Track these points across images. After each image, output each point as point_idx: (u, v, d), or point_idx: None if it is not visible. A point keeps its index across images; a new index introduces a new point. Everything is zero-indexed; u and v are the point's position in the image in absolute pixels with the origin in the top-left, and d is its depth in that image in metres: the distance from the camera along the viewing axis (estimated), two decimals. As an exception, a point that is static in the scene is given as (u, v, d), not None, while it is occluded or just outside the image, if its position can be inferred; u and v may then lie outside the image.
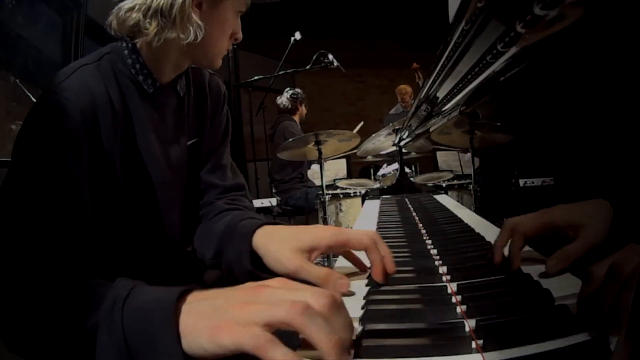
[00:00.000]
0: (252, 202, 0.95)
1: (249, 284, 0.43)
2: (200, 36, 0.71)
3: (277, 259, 0.62)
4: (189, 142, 0.86)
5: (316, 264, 0.61)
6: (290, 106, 3.38)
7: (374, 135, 2.40)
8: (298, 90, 3.44)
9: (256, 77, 3.17)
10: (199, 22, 0.71)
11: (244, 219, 0.75)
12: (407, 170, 2.05)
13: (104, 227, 0.73)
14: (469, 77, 0.71)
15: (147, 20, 0.69)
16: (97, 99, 0.69)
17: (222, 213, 0.86)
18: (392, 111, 4.43)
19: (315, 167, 3.25)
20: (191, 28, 0.70)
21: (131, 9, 0.69)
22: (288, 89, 3.43)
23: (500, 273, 0.55)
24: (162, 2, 0.68)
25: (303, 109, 3.48)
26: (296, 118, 3.42)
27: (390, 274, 0.57)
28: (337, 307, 0.39)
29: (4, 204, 0.62)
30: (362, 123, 3.61)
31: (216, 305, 0.41)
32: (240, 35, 0.81)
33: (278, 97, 3.44)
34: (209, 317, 0.40)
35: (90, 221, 0.67)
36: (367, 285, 0.58)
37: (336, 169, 3.43)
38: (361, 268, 0.65)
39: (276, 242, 0.64)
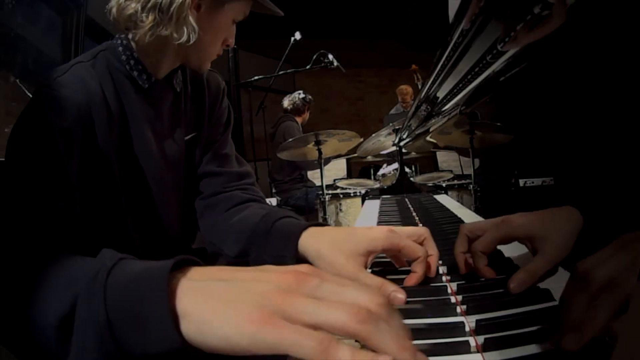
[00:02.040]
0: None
1: (273, 267, 0.36)
2: (193, 39, 0.71)
3: (331, 264, 0.56)
4: (187, 137, 0.86)
5: None
6: (299, 107, 3.39)
7: (374, 135, 2.40)
8: (310, 96, 3.45)
9: (256, 77, 3.17)
10: (194, 24, 0.71)
11: (281, 217, 0.69)
12: (407, 170, 2.05)
13: (103, 223, 0.73)
14: (469, 77, 0.72)
15: (145, 13, 0.69)
16: (92, 96, 0.69)
17: (241, 205, 0.83)
18: (392, 111, 4.43)
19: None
20: (185, 29, 0.70)
21: None
22: (301, 91, 3.44)
23: (501, 273, 0.55)
24: None
25: (307, 115, 3.49)
26: (299, 120, 3.42)
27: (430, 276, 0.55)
28: (391, 305, 0.34)
29: None
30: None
31: (244, 288, 0.33)
32: (232, 42, 0.80)
33: (287, 96, 3.44)
34: (236, 301, 0.32)
35: (78, 214, 0.66)
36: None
37: (336, 169, 3.44)
38: (400, 266, 0.60)
39: (327, 245, 0.58)
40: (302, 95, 3.39)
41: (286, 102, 3.42)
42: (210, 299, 0.33)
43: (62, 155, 0.64)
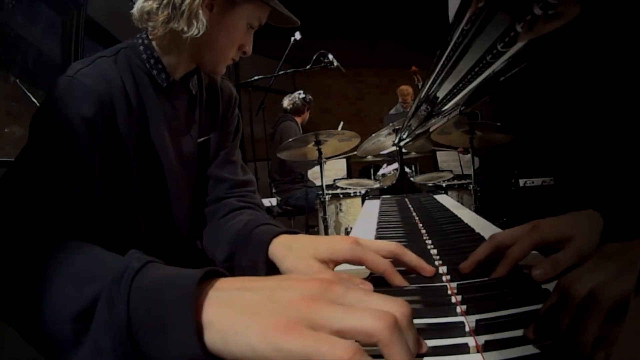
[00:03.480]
0: (260, 200, 0.96)
1: (297, 275, 0.36)
2: (201, 31, 0.73)
3: (295, 270, 0.58)
4: (200, 140, 0.88)
5: None
6: (299, 107, 3.39)
7: (374, 135, 2.39)
8: (310, 96, 3.46)
9: (256, 77, 3.16)
10: (204, 20, 0.74)
11: (260, 224, 0.71)
12: (407, 170, 2.05)
13: (115, 213, 0.74)
14: (469, 77, 0.72)
15: (160, 9, 0.73)
16: (113, 88, 0.71)
17: (234, 212, 0.85)
18: (392, 111, 4.43)
19: (315, 167, 3.25)
20: (195, 23, 0.73)
21: None
22: (301, 91, 3.45)
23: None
24: None
25: (307, 115, 3.50)
26: (299, 120, 3.42)
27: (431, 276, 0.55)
28: (412, 319, 0.33)
29: (13, 177, 0.63)
30: (342, 123, 3.62)
31: (268, 297, 0.33)
32: (249, 49, 0.83)
33: (287, 96, 3.44)
34: (261, 311, 0.32)
35: (98, 202, 0.68)
36: (369, 277, 0.58)
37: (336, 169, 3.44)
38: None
39: (294, 253, 0.60)
40: (302, 95, 3.39)
41: (286, 102, 3.42)
42: (235, 309, 0.33)
43: (85, 144, 0.66)
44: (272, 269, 0.64)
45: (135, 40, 0.79)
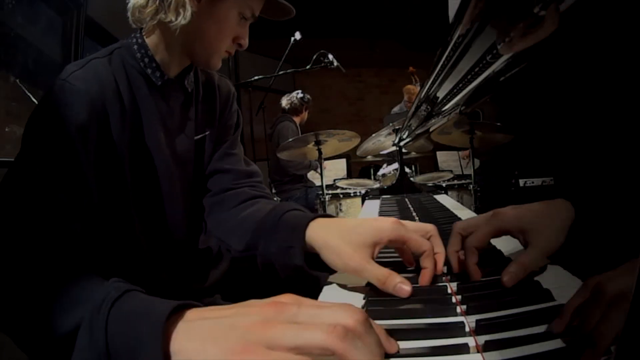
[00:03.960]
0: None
1: (255, 302, 0.39)
2: (188, 19, 0.73)
3: (338, 255, 0.56)
4: (196, 137, 0.87)
5: None
6: (297, 107, 3.38)
7: (374, 135, 2.39)
8: (308, 96, 3.44)
9: (256, 77, 3.16)
10: (190, 8, 0.73)
11: (289, 210, 0.68)
12: (407, 170, 2.05)
13: (109, 216, 0.73)
14: (469, 77, 0.71)
15: (149, 2, 0.73)
16: (107, 90, 0.71)
17: (249, 201, 0.84)
18: (395, 109, 4.41)
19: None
20: (182, 12, 0.72)
21: None
22: (299, 91, 3.43)
23: (500, 273, 0.55)
24: None
25: (305, 115, 3.48)
26: (297, 120, 3.41)
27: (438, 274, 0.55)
28: (370, 323, 0.35)
29: (7, 187, 0.63)
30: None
31: (228, 324, 0.35)
32: (244, 42, 0.81)
33: (286, 96, 3.43)
34: (221, 338, 0.34)
35: (95, 209, 0.67)
36: (366, 285, 0.58)
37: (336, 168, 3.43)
38: (408, 263, 0.61)
39: (335, 236, 0.58)
40: (300, 95, 3.38)
41: (284, 102, 3.41)
42: (199, 338, 0.35)
43: (78, 151, 0.65)
44: (308, 256, 0.61)
45: (129, 40, 0.78)
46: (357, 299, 0.53)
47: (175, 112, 0.82)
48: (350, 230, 0.57)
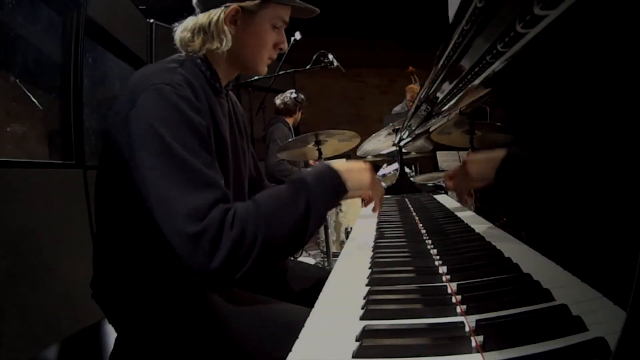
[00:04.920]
0: None
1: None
2: (230, 44, 0.86)
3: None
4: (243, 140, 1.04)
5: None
6: (290, 107, 3.33)
7: (374, 135, 2.39)
8: (302, 96, 3.39)
9: (256, 77, 3.16)
10: (231, 33, 0.86)
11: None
12: (407, 170, 2.05)
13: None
14: (469, 77, 0.72)
15: (195, 36, 0.86)
16: (196, 92, 0.80)
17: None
18: (396, 109, 4.40)
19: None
20: (224, 38, 0.86)
21: (184, 29, 0.87)
22: (293, 90, 3.39)
23: (500, 273, 0.55)
24: (203, 21, 0.85)
25: (299, 115, 3.41)
26: (290, 121, 3.35)
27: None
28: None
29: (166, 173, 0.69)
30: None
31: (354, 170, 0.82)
32: (284, 46, 0.95)
33: (279, 95, 3.38)
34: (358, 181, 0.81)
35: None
36: (367, 285, 0.58)
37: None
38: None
39: None
40: (293, 95, 3.32)
41: (278, 101, 3.35)
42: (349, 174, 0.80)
43: (210, 143, 0.77)
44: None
45: (190, 55, 0.88)
46: (358, 299, 0.53)
47: (226, 116, 0.94)
48: None
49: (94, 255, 0.84)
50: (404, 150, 2.08)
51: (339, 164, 0.80)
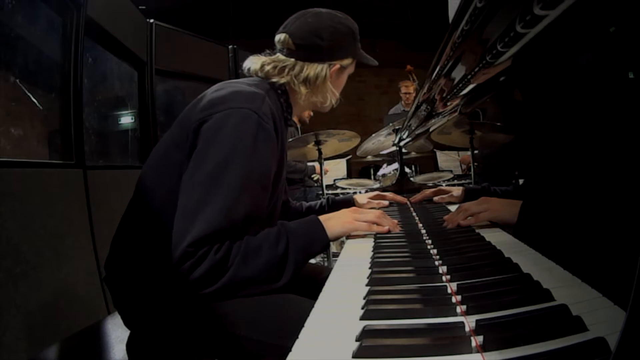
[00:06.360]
0: None
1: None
2: (333, 102, 0.99)
3: None
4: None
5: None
6: None
7: (374, 135, 2.39)
8: None
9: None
10: (334, 90, 0.97)
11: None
12: (407, 170, 2.05)
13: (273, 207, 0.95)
14: (469, 77, 0.71)
15: (299, 83, 0.94)
16: (276, 120, 0.86)
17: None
18: (391, 111, 4.40)
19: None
20: (329, 97, 0.98)
21: (276, 62, 0.96)
22: None
23: (500, 273, 0.55)
24: (309, 73, 0.94)
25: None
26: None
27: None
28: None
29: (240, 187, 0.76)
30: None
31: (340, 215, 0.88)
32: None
33: None
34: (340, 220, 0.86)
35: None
36: (367, 285, 0.58)
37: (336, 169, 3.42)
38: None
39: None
40: None
41: None
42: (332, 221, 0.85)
43: (267, 181, 0.84)
44: None
45: (274, 85, 0.94)
46: (358, 299, 0.53)
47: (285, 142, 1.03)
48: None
49: (115, 233, 0.88)
50: (404, 150, 2.08)
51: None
